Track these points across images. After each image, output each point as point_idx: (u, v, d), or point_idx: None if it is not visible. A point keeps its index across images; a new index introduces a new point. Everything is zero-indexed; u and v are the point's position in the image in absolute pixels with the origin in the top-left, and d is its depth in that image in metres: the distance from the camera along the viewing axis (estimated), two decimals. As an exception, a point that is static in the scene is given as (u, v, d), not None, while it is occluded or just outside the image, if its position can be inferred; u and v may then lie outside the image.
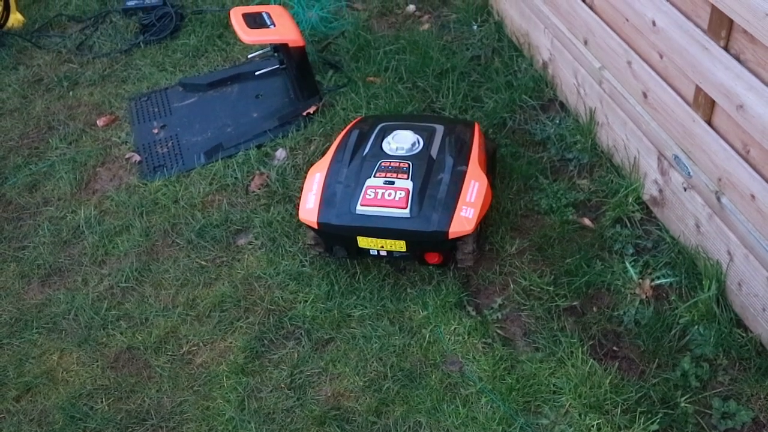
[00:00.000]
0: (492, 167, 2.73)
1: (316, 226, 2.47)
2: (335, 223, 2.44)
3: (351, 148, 2.61)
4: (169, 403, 2.33)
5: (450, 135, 2.60)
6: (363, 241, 2.44)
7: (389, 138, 2.60)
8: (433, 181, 2.45)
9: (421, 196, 2.42)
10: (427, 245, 2.43)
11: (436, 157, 2.53)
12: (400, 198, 2.41)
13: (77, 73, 3.70)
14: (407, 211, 2.39)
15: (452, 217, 2.37)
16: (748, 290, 2.18)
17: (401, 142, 2.57)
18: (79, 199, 3.05)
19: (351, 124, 2.81)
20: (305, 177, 2.63)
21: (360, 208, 2.42)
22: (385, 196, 2.42)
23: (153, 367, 2.43)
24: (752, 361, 2.18)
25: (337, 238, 2.50)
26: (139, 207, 2.95)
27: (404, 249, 2.43)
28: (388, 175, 2.47)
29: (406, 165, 2.49)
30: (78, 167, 3.17)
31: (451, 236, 2.36)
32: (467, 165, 2.49)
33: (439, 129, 2.64)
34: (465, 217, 2.37)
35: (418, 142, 2.58)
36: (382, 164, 2.51)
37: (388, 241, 2.42)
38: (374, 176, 2.48)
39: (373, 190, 2.44)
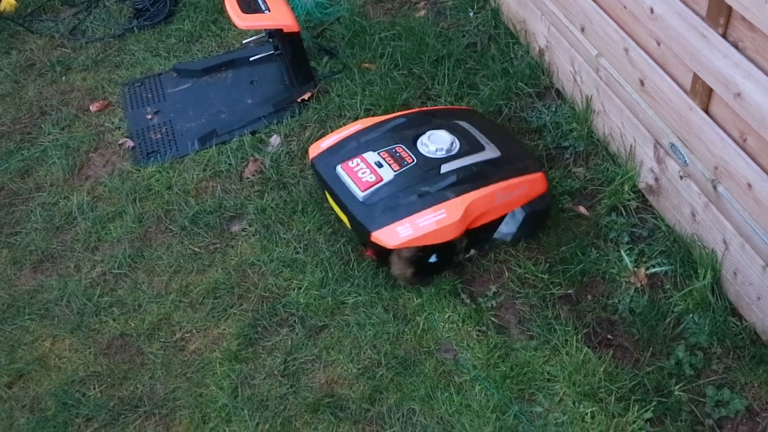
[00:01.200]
0: (532, 227, 2.52)
1: (309, 161, 2.57)
2: (318, 168, 2.54)
3: (401, 122, 2.59)
4: (162, 390, 2.32)
5: (488, 165, 2.42)
6: (329, 198, 2.53)
7: (430, 133, 2.50)
8: (414, 188, 2.37)
9: (389, 191, 2.36)
10: (359, 234, 2.43)
11: (443, 171, 2.40)
12: (366, 180, 2.39)
13: (70, 58, 3.67)
14: (362, 194, 2.38)
15: (387, 225, 2.31)
16: (743, 279, 2.17)
17: (433, 142, 2.47)
18: (72, 184, 3.02)
19: (450, 107, 2.79)
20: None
21: (338, 169, 2.46)
22: (359, 172, 2.42)
23: (146, 354, 2.42)
24: (746, 350, 2.17)
25: (318, 182, 2.61)
26: (132, 193, 2.93)
27: (349, 227, 2.46)
28: (387, 158, 2.45)
29: (411, 161, 2.43)
30: (71, 153, 3.15)
31: (371, 239, 2.32)
32: (457, 196, 2.33)
33: (489, 153, 2.47)
34: (398, 232, 2.29)
35: (447, 151, 2.45)
36: (395, 148, 2.48)
37: (340, 211, 2.46)
38: (377, 152, 2.47)
39: (359, 161, 2.45)
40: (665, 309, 2.31)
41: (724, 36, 1.95)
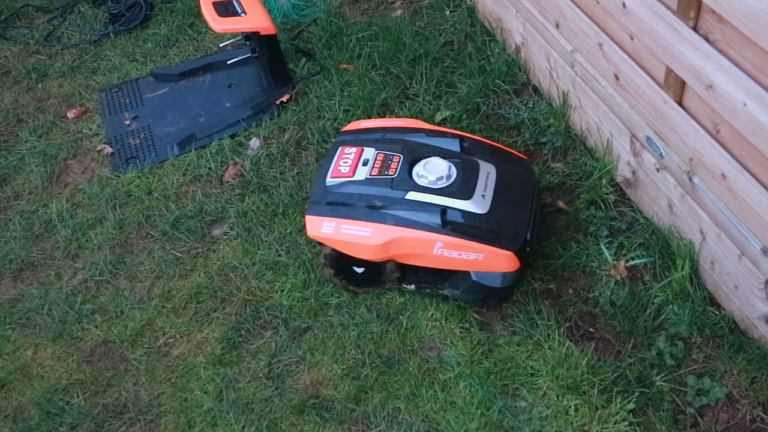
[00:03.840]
0: (481, 298, 2.36)
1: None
2: (335, 139, 2.67)
3: (431, 139, 2.50)
4: (146, 396, 2.31)
5: (455, 214, 2.25)
6: None
7: (431, 159, 2.38)
8: (370, 198, 2.32)
9: (350, 189, 2.36)
10: None
11: (407, 197, 2.29)
12: (340, 170, 2.41)
13: (46, 65, 3.64)
14: (329, 180, 2.39)
15: (320, 215, 2.33)
16: (720, 269, 2.20)
17: (426, 168, 2.35)
18: (51, 192, 3.00)
19: (505, 147, 2.62)
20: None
21: (338, 149, 2.50)
22: (344, 160, 2.44)
23: (129, 360, 2.41)
24: (725, 339, 2.20)
25: None
26: (112, 199, 2.91)
27: None
28: (378, 161, 2.41)
29: (391, 173, 2.35)
30: (49, 160, 3.13)
31: (305, 216, 2.37)
32: (393, 225, 2.26)
33: (472, 205, 2.27)
34: (321, 225, 2.31)
35: (428, 183, 2.32)
36: (394, 157, 2.40)
37: None
38: (377, 151, 2.44)
39: (354, 152, 2.46)
40: (645, 300, 2.33)
41: (694, 29, 1.98)
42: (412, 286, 2.42)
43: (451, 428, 2.13)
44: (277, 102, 3.19)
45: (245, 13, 3.10)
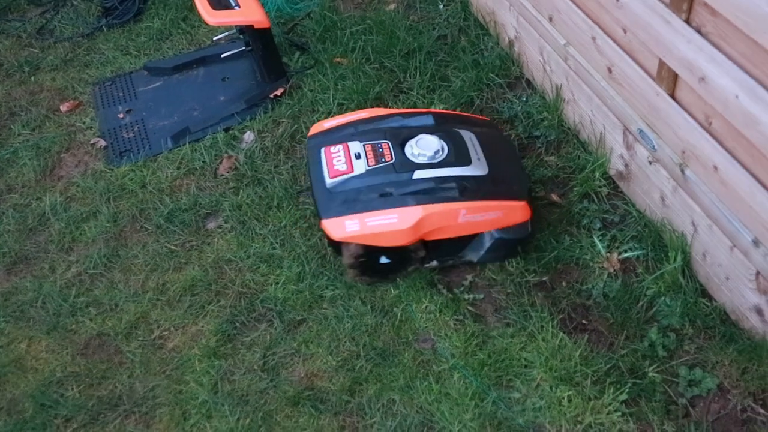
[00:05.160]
0: (502, 254, 2.45)
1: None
2: (308, 146, 2.60)
3: (403, 119, 2.55)
4: (141, 388, 2.32)
5: (465, 180, 2.33)
6: None
7: (421, 137, 2.43)
8: (379, 187, 2.33)
9: (355, 184, 2.36)
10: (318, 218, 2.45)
11: (415, 177, 2.33)
12: (338, 169, 2.40)
13: (38, 58, 3.63)
14: (330, 181, 2.38)
15: (338, 216, 2.31)
16: (712, 260, 2.22)
17: (419, 146, 2.40)
18: (44, 185, 3.00)
19: (467, 114, 2.69)
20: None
21: (321, 151, 2.49)
22: (336, 159, 2.43)
23: (124, 353, 2.41)
24: (717, 330, 2.22)
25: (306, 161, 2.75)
26: (105, 193, 2.91)
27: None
28: (368, 151, 2.42)
29: (389, 159, 2.37)
30: (42, 153, 3.12)
31: (321, 225, 2.34)
32: (416, 205, 2.29)
33: (474, 169, 2.36)
34: (345, 225, 2.29)
35: (428, 158, 2.37)
36: (382, 144, 2.42)
37: None
38: (363, 143, 2.45)
39: (341, 149, 2.45)
40: (638, 292, 2.34)
41: (687, 22, 1.99)
42: (434, 262, 2.45)
43: (446, 419, 2.14)
44: (271, 95, 3.19)
45: (239, 6, 3.10)
